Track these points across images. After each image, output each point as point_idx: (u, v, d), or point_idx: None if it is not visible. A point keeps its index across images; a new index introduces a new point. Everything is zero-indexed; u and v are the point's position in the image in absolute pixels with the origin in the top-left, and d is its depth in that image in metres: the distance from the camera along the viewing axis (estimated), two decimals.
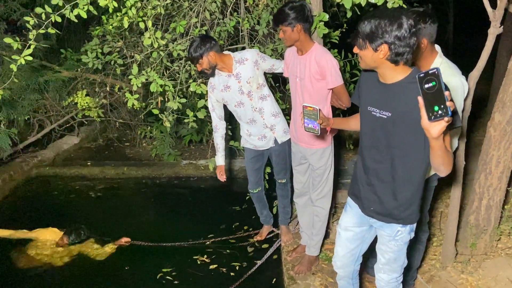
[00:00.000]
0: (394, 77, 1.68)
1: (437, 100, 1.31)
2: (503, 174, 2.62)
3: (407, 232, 1.90)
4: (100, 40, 3.78)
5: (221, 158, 3.12)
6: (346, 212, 2.09)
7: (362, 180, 1.92)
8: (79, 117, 5.34)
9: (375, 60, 1.65)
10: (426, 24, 2.03)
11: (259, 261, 3.27)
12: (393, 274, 2.03)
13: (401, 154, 1.73)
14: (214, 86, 2.90)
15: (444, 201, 3.65)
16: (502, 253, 2.80)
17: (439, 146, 1.45)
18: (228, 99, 2.89)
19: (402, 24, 1.55)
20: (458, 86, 2.07)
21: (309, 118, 1.95)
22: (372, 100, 1.79)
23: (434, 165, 1.58)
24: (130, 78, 2.81)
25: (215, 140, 3.10)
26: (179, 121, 4.88)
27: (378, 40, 1.59)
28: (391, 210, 1.85)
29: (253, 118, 2.92)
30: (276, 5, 3.44)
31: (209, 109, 3.03)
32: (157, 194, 4.67)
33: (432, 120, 1.34)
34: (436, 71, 1.31)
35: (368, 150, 1.86)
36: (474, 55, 2.50)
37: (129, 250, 3.51)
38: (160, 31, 2.79)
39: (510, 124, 2.48)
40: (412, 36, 1.58)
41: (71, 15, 2.44)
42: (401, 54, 1.60)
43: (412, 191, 1.80)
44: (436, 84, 1.31)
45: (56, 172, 5.05)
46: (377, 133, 1.78)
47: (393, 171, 1.78)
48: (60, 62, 5.57)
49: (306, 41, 2.50)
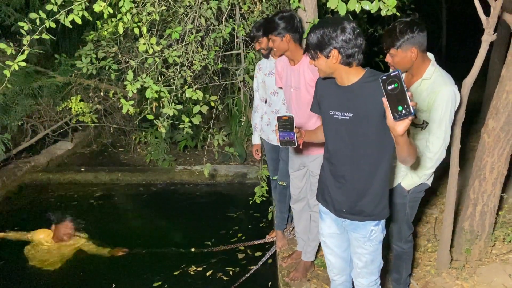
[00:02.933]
0: (350, 79, 1.78)
1: (400, 100, 1.39)
2: (497, 180, 2.63)
3: (380, 231, 1.95)
4: (94, 45, 3.77)
5: (257, 138, 3.28)
6: (323, 220, 2.11)
7: (331, 184, 1.96)
8: (73, 123, 5.30)
9: (329, 66, 1.75)
10: (414, 33, 2.05)
11: (254, 267, 3.25)
12: (371, 277, 2.04)
13: (364, 152, 1.80)
14: (261, 68, 3.06)
15: (438, 207, 3.66)
16: (496, 259, 2.81)
17: (404, 141, 1.53)
18: (268, 84, 3.00)
19: (345, 28, 1.68)
20: (449, 96, 2.07)
21: (284, 129, 1.95)
22: (333, 104, 1.86)
23: (400, 158, 1.68)
24: (125, 84, 2.80)
25: (253, 120, 3.26)
26: (174, 127, 4.87)
27: (327, 48, 1.70)
28: (363, 208, 1.88)
29: (279, 110, 3.00)
30: (271, 12, 3.45)
31: (253, 88, 3.22)
32: (151, 200, 4.64)
33: (397, 119, 1.42)
34: (398, 73, 1.39)
35: (334, 153, 1.91)
36: (467, 62, 2.53)
37: (125, 259, 3.45)
38: (155, 37, 2.79)
39: (503, 131, 2.50)
40: (357, 37, 1.69)
41: (66, 21, 2.43)
42: (352, 55, 1.71)
43: (379, 186, 1.86)
44: (398, 86, 1.39)
45: (49, 178, 5.01)
46: (341, 135, 1.84)
47: (359, 169, 1.84)
48: (54, 67, 5.55)
49: (296, 51, 2.52)
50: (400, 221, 2.43)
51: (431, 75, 2.13)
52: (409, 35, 2.04)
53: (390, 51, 2.12)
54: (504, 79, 2.45)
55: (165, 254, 3.49)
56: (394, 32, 2.08)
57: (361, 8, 2.41)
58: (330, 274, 2.23)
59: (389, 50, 2.12)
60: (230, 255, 3.49)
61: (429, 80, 2.13)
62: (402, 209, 2.38)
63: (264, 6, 3.49)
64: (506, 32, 4.64)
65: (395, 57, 2.12)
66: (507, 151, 2.55)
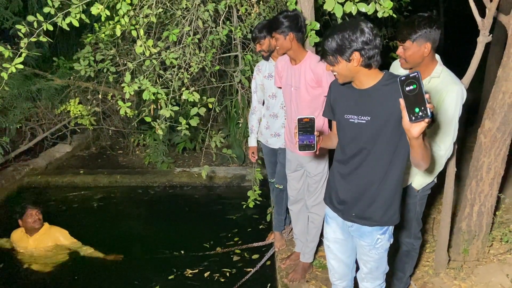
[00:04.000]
0: (369, 82, 1.75)
1: (417, 102, 1.37)
2: (494, 180, 2.64)
3: (386, 239, 1.93)
4: (92, 48, 3.79)
5: (254, 140, 3.27)
6: (329, 224, 2.09)
7: (341, 187, 1.94)
8: (71, 125, 5.31)
9: (350, 69, 1.72)
10: (432, 29, 2.05)
11: (252, 269, 3.25)
12: (376, 281, 2.04)
13: (380, 156, 1.78)
14: (260, 70, 3.07)
15: (436, 207, 3.67)
16: (494, 259, 2.82)
17: (419, 144, 1.51)
18: (266, 87, 3.02)
19: (364, 30, 1.66)
20: (458, 94, 2.09)
21: (304, 132, 1.83)
22: (349, 108, 1.83)
23: (414, 161, 1.65)
24: (123, 86, 2.81)
25: (250, 122, 3.25)
26: (173, 129, 4.88)
27: (348, 51, 1.67)
28: (373, 213, 1.87)
29: (277, 114, 3.00)
30: (268, 14, 3.47)
31: (251, 89, 3.21)
32: (150, 203, 4.64)
33: (413, 121, 1.40)
34: (417, 74, 1.37)
35: (349, 157, 1.87)
36: (464, 63, 2.54)
37: (123, 263, 3.42)
38: (152, 40, 2.80)
39: (500, 131, 2.51)
40: (376, 37, 1.68)
41: (63, 24, 2.44)
42: (373, 57, 1.68)
43: (392, 190, 1.84)
44: (416, 87, 1.37)
45: (48, 181, 5.00)
46: (357, 140, 1.82)
47: (373, 173, 1.82)
48: (52, 70, 5.55)
49: (298, 50, 2.53)
50: (410, 219, 2.44)
51: (440, 74, 2.15)
52: (427, 29, 2.04)
53: (406, 43, 2.10)
54: (500, 80, 2.47)
55: (163, 257, 3.47)
56: (412, 24, 2.07)
57: (357, 11, 2.43)
58: (331, 279, 2.22)
59: (405, 42, 2.10)
60: (229, 258, 3.48)
61: (438, 79, 2.14)
62: (413, 208, 2.41)
63: (261, 8, 3.51)
64: (502, 33, 4.66)
65: (409, 50, 2.11)
66: (503, 151, 2.56)
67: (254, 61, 3.89)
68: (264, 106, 3.14)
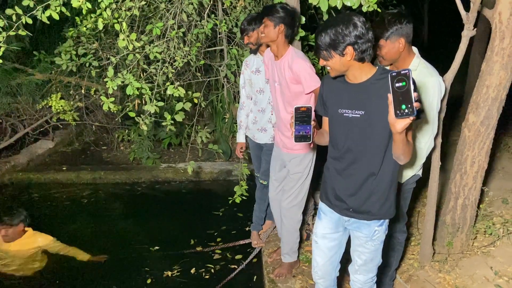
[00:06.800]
0: (362, 76, 1.76)
1: (405, 99, 1.39)
2: (478, 174, 2.67)
3: (383, 231, 1.95)
4: (74, 41, 3.70)
5: (242, 136, 3.22)
6: (321, 219, 2.08)
7: (338, 182, 1.94)
8: (53, 121, 5.19)
9: (344, 64, 1.73)
10: (402, 24, 2.08)
11: (239, 266, 3.23)
12: (369, 274, 2.05)
13: (375, 150, 1.79)
14: (248, 65, 3.04)
15: (421, 200, 3.71)
16: (478, 251, 2.86)
17: (401, 139, 1.56)
18: (254, 82, 2.99)
19: (357, 24, 1.66)
20: (435, 86, 2.11)
21: (301, 122, 1.77)
22: (342, 102, 1.83)
23: (394, 154, 1.70)
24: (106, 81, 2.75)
25: (239, 117, 3.20)
26: (158, 124, 4.82)
27: (341, 45, 1.68)
28: (371, 207, 1.88)
29: (265, 109, 2.98)
30: (253, 7, 3.43)
31: (240, 85, 3.19)
32: (135, 199, 4.58)
33: (399, 117, 1.42)
34: (408, 72, 1.38)
35: (344, 151, 1.88)
36: (448, 57, 2.55)
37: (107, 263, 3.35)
38: (135, 33, 2.74)
39: (483, 125, 2.53)
40: (368, 31, 1.69)
41: (43, 17, 2.37)
42: (366, 51, 1.70)
43: (387, 184, 1.85)
44: (406, 85, 1.38)
45: (30, 178, 4.90)
46: (351, 134, 1.82)
47: (369, 167, 1.83)
48: (33, 65, 5.42)
49: (282, 45, 2.51)
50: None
51: (416, 67, 2.16)
52: (397, 26, 2.08)
53: (380, 42, 2.13)
54: (484, 73, 2.48)
55: (149, 256, 3.44)
56: (382, 23, 2.10)
57: (342, 4, 2.42)
58: (314, 276, 2.20)
59: (378, 41, 2.13)
60: (215, 254, 3.46)
61: (415, 72, 2.15)
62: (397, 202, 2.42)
63: (246, 1, 3.47)
64: (486, 27, 4.70)
65: (384, 48, 2.14)
66: (487, 145, 2.59)
67: (239, 55, 3.85)
68: (252, 101, 3.11)
